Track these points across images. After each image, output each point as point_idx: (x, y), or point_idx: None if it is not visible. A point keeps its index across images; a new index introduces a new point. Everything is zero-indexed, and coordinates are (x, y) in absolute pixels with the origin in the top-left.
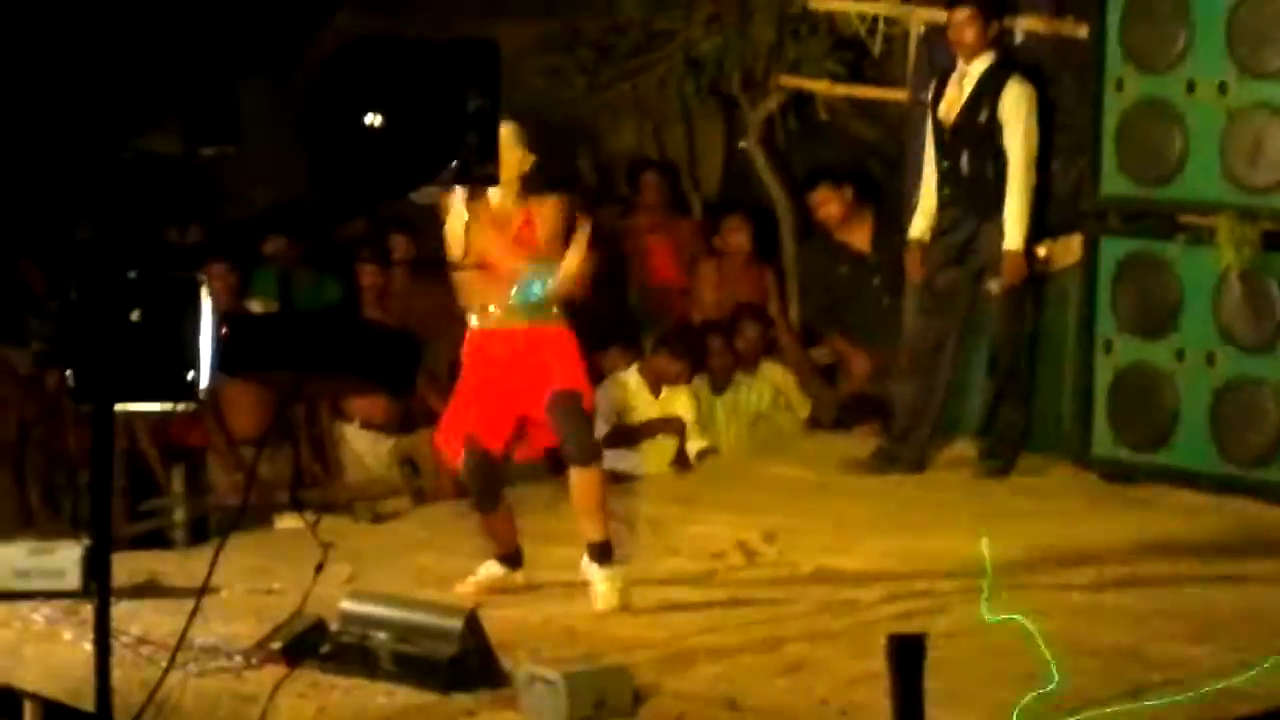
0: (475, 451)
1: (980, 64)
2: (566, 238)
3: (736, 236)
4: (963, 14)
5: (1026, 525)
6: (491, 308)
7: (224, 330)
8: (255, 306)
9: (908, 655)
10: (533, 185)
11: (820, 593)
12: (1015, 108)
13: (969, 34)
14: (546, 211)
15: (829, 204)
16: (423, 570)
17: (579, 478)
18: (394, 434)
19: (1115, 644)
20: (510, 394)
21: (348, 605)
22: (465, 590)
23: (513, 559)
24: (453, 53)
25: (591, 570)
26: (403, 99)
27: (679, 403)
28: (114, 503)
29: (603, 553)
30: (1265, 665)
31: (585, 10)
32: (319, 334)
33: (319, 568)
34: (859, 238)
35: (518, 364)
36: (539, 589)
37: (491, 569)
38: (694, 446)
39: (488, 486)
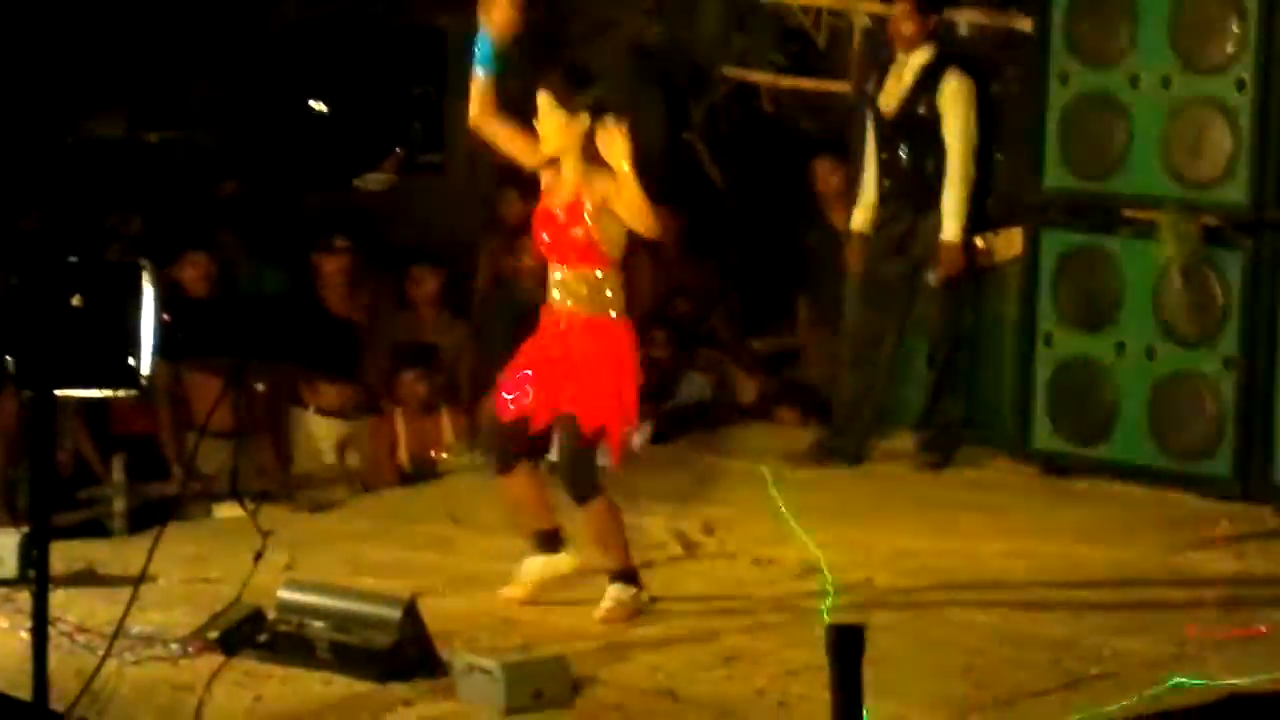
0: (496, 416)
1: (920, 56)
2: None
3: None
4: (902, 6)
5: (965, 518)
6: (554, 296)
7: (165, 316)
8: None
9: (846, 646)
10: (590, 160)
11: (758, 584)
12: (953, 100)
13: (907, 26)
14: (595, 190)
15: (834, 175)
16: (361, 559)
17: (580, 513)
18: (351, 420)
19: (1052, 636)
20: (545, 380)
21: (285, 594)
22: (513, 594)
23: (549, 539)
24: (398, 41)
25: (608, 586)
26: (348, 86)
27: None
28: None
29: (616, 575)
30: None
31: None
32: (259, 320)
33: (257, 556)
34: (840, 219)
35: (562, 354)
36: (477, 579)
37: (531, 564)
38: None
39: (501, 447)
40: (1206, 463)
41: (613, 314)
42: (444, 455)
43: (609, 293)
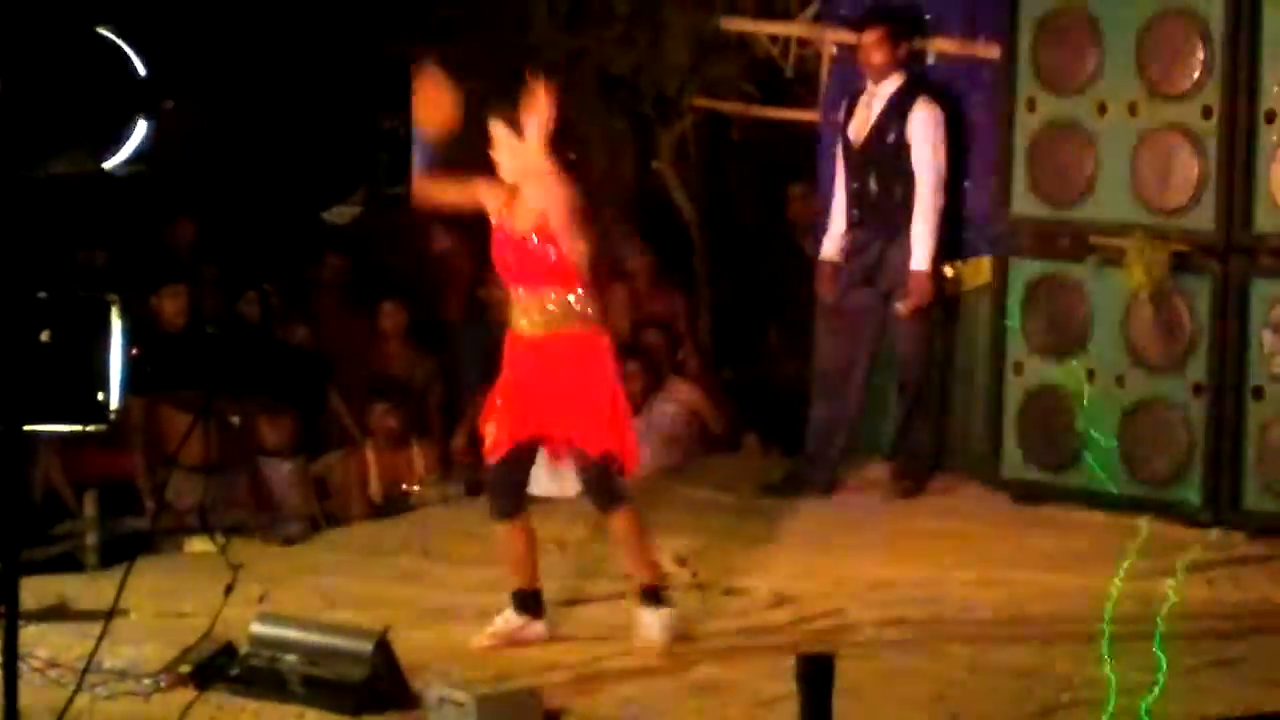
0: (488, 461)
1: (889, 85)
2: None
3: (636, 261)
4: (872, 36)
5: (936, 546)
6: (524, 322)
7: (134, 350)
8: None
9: (817, 676)
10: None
11: (730, 614)
12: (923, 129)
13: (878, 56)
14: (550, 206)
15: (806, 201)
16: (333, 592)
17: (608, 522)
18: (293, 457)
19: (1024, 665)
20: (533, 407)
21: (257, 628)
22: (481, 644)
23: (529, 600)
24: (365, 72)
25: (636, 612)
26: (315, 118)
27: None
28: None
29: (645, 595)
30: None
31: (499, 31)
32: (228, 354)
33: (228, 590)
34: (812, 247)
35: (545, 377)
36: (449, 612)
37: (508, 618)
38: None
39: (500, 492)
40: (1177, 489)
41: (585, 327)
42: (415, 488)
43: (586, 309)
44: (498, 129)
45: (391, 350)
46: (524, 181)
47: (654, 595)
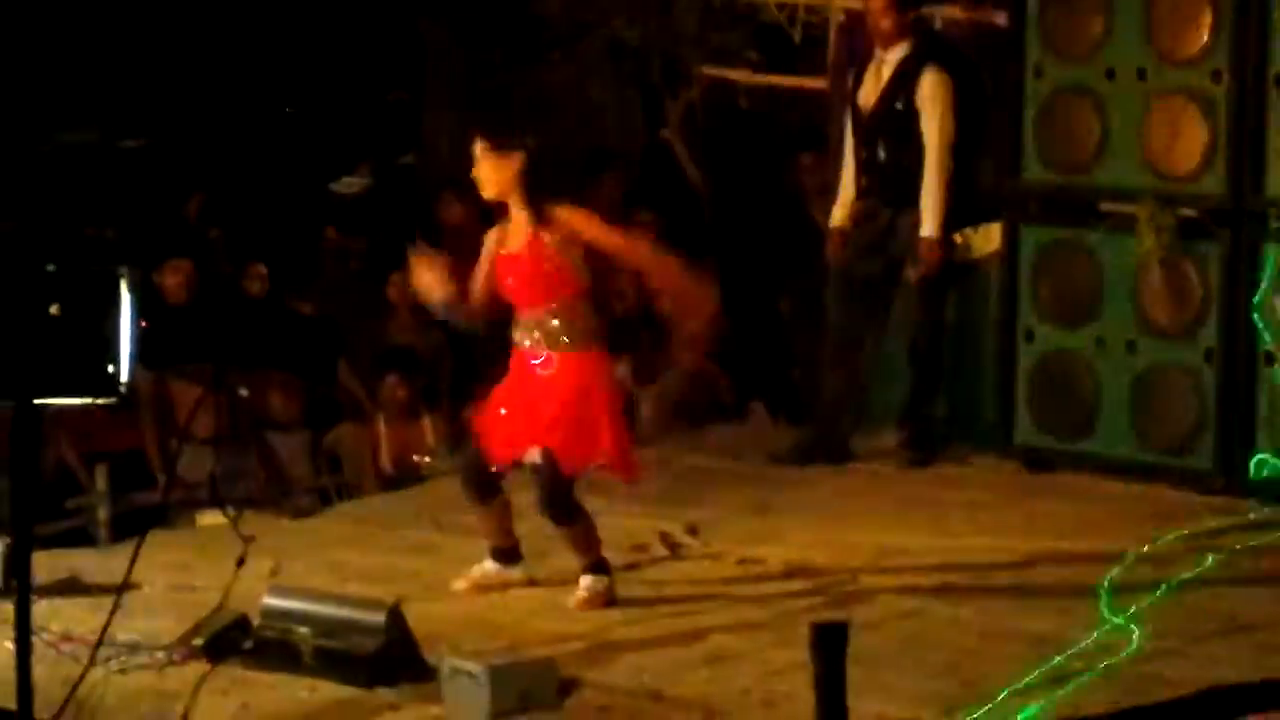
0: (473, 450)
1: (898, 52)
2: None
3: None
4: (879, 2)
5: (948, 514)
6: (526, 342)
7: (143, 323)
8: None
9: (830, 644)
10: (534, 195)
11: (743, 583)
12: (932, 95)
13: (886, 22)
14: (558, 233)
15: (817, 167)
16: (345, 565)
17: (557, 531)
18: (302, 429)
19: (1037, 631)
20: (516, 414)
21: (270, 600)
22: (458, 587)
23: (506, 554)
24: (373, 45)
25: (583, 577)
26: (322, 90)
27: None
28: None
29: (585, 568)
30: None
31: (506, 1)
32: (235, 327)
33: (239, 562)
34: (822, 215)
35: (533, 388)
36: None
37: (484, 566)
38: None
39: (475, 481)
40: (1189, 456)
41: (585, 346)
42: (426, 459)
43: (580, 323)
44: (478, 147)
45: (401, 321)
46: (508, 200)
47: (597, 567)
